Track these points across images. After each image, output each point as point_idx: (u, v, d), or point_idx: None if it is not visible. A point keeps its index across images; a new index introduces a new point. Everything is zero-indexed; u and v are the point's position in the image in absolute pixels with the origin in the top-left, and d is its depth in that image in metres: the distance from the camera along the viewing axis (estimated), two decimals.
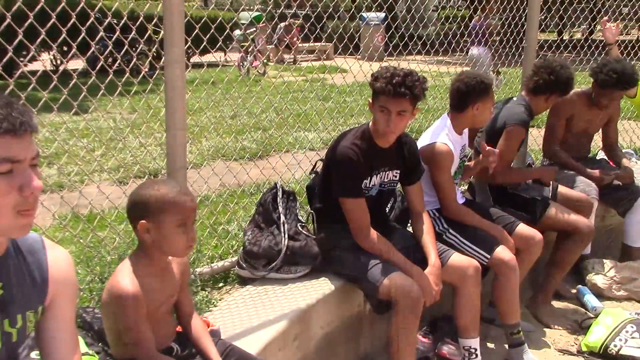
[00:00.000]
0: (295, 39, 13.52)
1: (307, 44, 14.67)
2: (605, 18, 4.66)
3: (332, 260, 2.92)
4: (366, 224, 2.77)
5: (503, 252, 3.12)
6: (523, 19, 4.45)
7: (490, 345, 3.36)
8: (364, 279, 2.72)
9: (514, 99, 3.70)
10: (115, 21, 2.94)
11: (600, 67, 3.89)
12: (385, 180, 2.91)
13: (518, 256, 3.23)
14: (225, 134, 6.10)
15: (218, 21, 3.45)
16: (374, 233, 2.77)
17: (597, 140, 4.43)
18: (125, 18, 2.77)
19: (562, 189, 3.83)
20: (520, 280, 3.22)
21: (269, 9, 11.22)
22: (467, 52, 9.69)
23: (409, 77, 2.65)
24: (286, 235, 2.92)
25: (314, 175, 3.17)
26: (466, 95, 3.21)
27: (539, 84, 3.62)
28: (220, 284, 2.93)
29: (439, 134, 3.21)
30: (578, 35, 20.11)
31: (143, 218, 1.85)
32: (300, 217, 3.09)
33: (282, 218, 2.99)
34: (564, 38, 18.77)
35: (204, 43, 3.06)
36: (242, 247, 2.96)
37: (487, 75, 3.34)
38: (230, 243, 3.22)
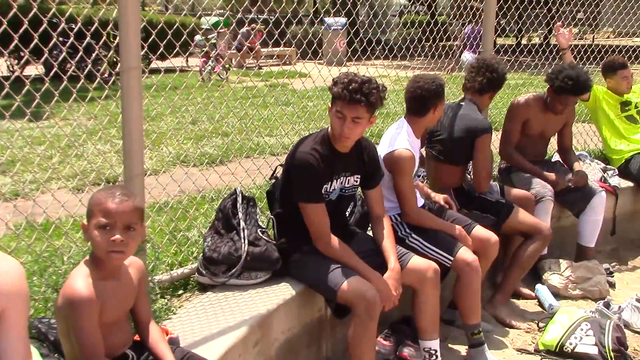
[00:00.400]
0: (256, 44, 13.48)
1: (268, 49, 14.65)
2: (559, 24, 4.78)
3: (293, 265, 2.92)
4: (326, 229, 2.77)
5: (465, 254, 3.17)
6: (479, 25, 4.52)
7: (451, 346, 3.40)
8: (323, 283, 2.73)
9: (463, 104, 3.75)
10: (71, 26, 2.90)
11: (556, 74, 3.99)
12: (346, 185, 2.93)
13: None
14: (185, 140, 6.06)
15: (175, 26, 3.42)
16: (333, 238, 2.78)
17: (553, 142, 4.53)
18: (79, 23, 2.73)
19: (507, 189, 3.92)
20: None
21: (227, 13, 11.15)
22: (459, 56, 10.14)
23: (366, 85, 2.66)
24: (246, 241, 2.91)
25: (274, 180, 3.17)
26: (427, 100, 3.25)
27: (483, 84, 3.71)
28: (180, 291, 2.90)
29: (399, 139, 3.24)
30: (536, 40, 20.55)
31: (86, 220, 1.89)
32: (260, 223, 3.09)
33: (242, 224, 2.98)
34: (522, 42, 19.22)
35: (161, 49, 3.04)
36: (201, 254, 2.94)
37: (439, 76, 3.38)
38: (190, 250, 3.19)
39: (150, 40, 3.00)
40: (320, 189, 2.79)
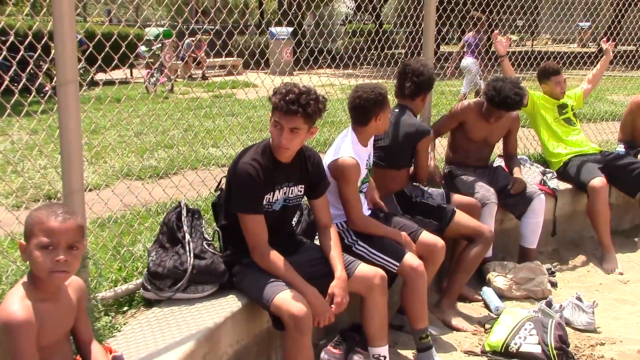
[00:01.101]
0: (203, 55, 13.39)
1: (213, 59, 14.56)
2: (497, 31, 4.91)
3: (235, 278, 2.91)
4: (263, 241, 2.77)
5: (411, 259, 3.21)
6: (420, 33, 4.61)
7: (400, 351, 3.43)
8: (259, 297, 2.73)
9: (397, 111, 3.82)
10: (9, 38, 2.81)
11: (492, 88, 4.11)
12: (290, 195, 2.93)
13: (423, 263, 3.34)
14: (131, 153, 5.95)
15: (114, 38, 3.36)
16: (272, 252, 2.76)
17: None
18: (12, 36, 2.66)
19: (456, 196, 4.00)
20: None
21: (169, 23, 11.03)
22: (459, 61, 10.74)
23: (304, 95, 2.67)
24: (192, 254, 2.88)
25: (219, 192, 3.15)
26: (367, 110, 3.30)
27: (412, 89, 3.80)
28: (125, 308, 2.85)
29: (344, 147, 3.27)
30: None
31: (24, 239, 1.83)
32: (206, 236, 3.06)
33: (187, 237, 2.95)
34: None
35: (99, 61, 2.98)
36: (146, 269, 2.89)
37: (380, 85, 3.43)
38: (135, 265, 3.13)
39: (87, 52, 2.94)
40: (258, 200, 2.78)
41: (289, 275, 2.73)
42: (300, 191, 2.96)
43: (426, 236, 3.47)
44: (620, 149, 5.27)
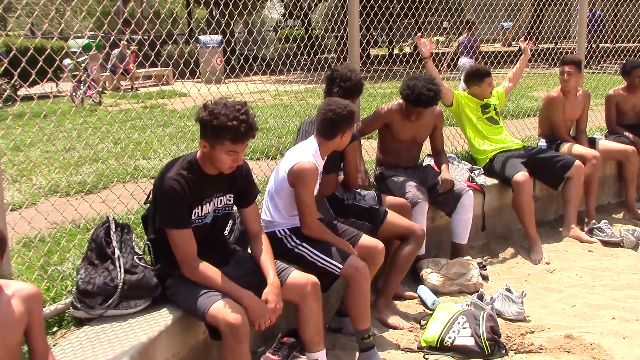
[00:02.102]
0: (130, 65, 13.13)
1: (144, 70, 14.31)
2: (419, 34, 5.03)
3: (167, 291, 2.88)
4: (192, 255, 2.75)
5: (355, 261, 3.26)
6: (345, 38, 4.68)
7: (339, 353, 3.45)
8: (193, 308, 2.72)
9: None
10: None
11: (405, 86, 4.24)
12: (219, 205, 2.92)
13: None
14: (59, 169, 5.79)
15: (30, 52, 3.26)
16: (201, 263, 2.75)
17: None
18: None
19: (387, 197, 4.07)
20: None
21: (93, 33, 10.79)
22: (456, 61, 11.33)
23: (250, 115, 2.69)
24: (122, 270, 2.83)
25: (149, 205, 3.11)
26: (337, 125, 3.34)
27: (340, 94, 3.85)
28: (55, 329, 2.77)
29: (305, 154, 3.30)
30: (407, 49, 21.45)
31: None
32: (137, 250, 3.01)
33: (117, 252, 2.89)
34: (394, 52, 19.97)
35: (16, 76, 2.90)
36: (75, 287, 2.82)
37: (351, 103, 3.50)
38: (64, 284, 3.05)
39: (2, 68, 2.85)
40: (185, 215, 2.75)
41: (223, 285, 2.72)
42: (230, 200, 2.96)
43: (366, 239, 3.53)
44: (542, 143, 5.49)
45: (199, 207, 2.81)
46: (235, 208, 3.08)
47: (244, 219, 3.06)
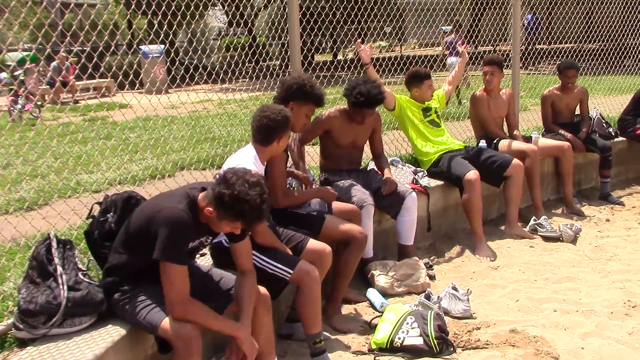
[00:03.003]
0: (70, 78, 12.84)
1: (84, 82, 14.01)
2: (359, 40, 5.10)
3: (115, 305, 2.83)
4: (186, 294, 2.65)
5: (305, 265, 3.28)
6: (286, 45, 4.70)
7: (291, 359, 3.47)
8: (144, 321, 2.69)
9: None
10: None
11: (350, 90, 4.33)
12: (201, 242, 2.92)
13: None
14: None
15: None
16: (193, 304, 2.67)
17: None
18: None
19: (335, 203, 4.09)
20: None
21: (29, 46, 10.52)
22: (445, 60, 12.23)
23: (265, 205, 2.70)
24: (65, 287, 2.77)
25: (91, 219, 3.06)
26: (272, 130, 3.35)
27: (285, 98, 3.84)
28: None
29: (246, 161, 3.27)
30: (351, 55, 21.65)
31: None
32: (80, 266, 2.95)
33: (59, 269, 2.83)
34: (339, 58, 20.17)
35: None
36: (16, 307, 2.75)
37: (286, 109, 3.49)
38: (5, 304, 2.97)
39: None
40: (187, 250, 2.74)
41: (216, 324, 2.74)
42: (211, 239, 2.99)
43: (313, 244, 3.54)
44: (482, 144, 5.64)
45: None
46: None
47: (234, 255, 2.96)
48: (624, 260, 4.66)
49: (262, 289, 3.01)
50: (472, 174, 4.92)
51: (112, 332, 2.77)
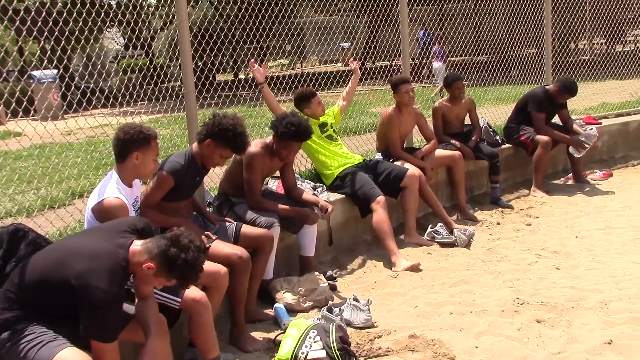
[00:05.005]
0: None
1: None
2: (252, 60, 5.15)
3: (4, 345, 2.70)
4: None
5: (193, 292, 3.24)
6: (177, 68, 4.68)
7: None
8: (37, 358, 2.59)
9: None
10: None
11: (279, 120, 4.33)
12: None
13: (208, 292, 3.41)
14: None
15: None
16: None
17: None
18: None
19: (245, 228, 4.09)
20: (213, 316, 3.38)
21: None
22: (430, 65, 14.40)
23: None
24: None
25: None
26: (126, 145, 3.30)
27: (202, 135, 3.84)
28: None
29: (108, 189, 3.23)
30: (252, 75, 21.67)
31: None
32: None
33: None
34: (241, 77, 20.16)
35: None
36: None
37: (148, 127, 3.44)
38: None
39: None
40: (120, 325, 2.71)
41: None
42: None
43: (208, 265, 3.51)
44: (379, 157, 5.82)
45: None
46: None
47: (134, 281, 2.91)
48: (513, 260, 4.94)
49: (159, 315, 2.98)
50: (381, 198, 5.13)
51: None
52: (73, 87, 6.80)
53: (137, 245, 2.71)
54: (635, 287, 4.22)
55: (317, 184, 5.26)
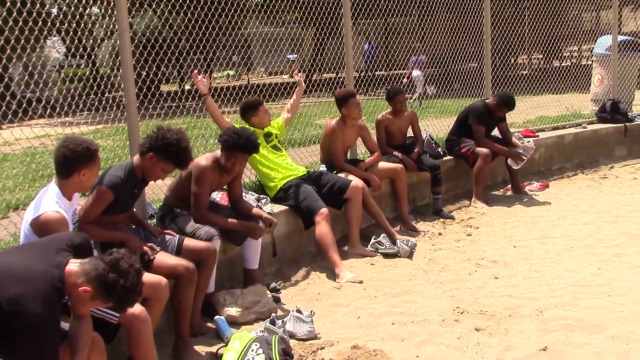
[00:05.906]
0: None
1: None
2: (195, 71, 5.12)
3: None
4: None
5: (132, 307, 3.18)
6: (119, 78, 4.61)
7: None
8: None
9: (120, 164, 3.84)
10: None
11: (225, 131, 4.32)
12: None
13: (148, 304, 3.36)
14: None
15: None
16: None
17: None
18: None
19: (187, 241, 4.04)
20: (154, 328, 3.33)
21: None
22: (410, 74, 14.73)
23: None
24: None
25: None
26: (72, 162, 3.24)
27: (145, 148, 3.75)
28: None
29: (47, 202, 3.15)
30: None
31: None
32: None
33: None
34: (187, 88, 19.99)
35: None
36: None
37: (92, 141, 3.38)
38: None
39: None
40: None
41: None
42: None
43: (148, 277, 3.45)
44: (323, 168, 5.85)
45: None
46: None
47: (70, 301, 2.82)
48: (454, 270, 5.04)
49: (95, 334, 2.91)
50: (324, 210, 5.16)
51: None
52: (8, 97, 6.60)
53: (73, 265, 2.61)
54: (569, 295, 4.37)
55: (261, 196, 5.26)
